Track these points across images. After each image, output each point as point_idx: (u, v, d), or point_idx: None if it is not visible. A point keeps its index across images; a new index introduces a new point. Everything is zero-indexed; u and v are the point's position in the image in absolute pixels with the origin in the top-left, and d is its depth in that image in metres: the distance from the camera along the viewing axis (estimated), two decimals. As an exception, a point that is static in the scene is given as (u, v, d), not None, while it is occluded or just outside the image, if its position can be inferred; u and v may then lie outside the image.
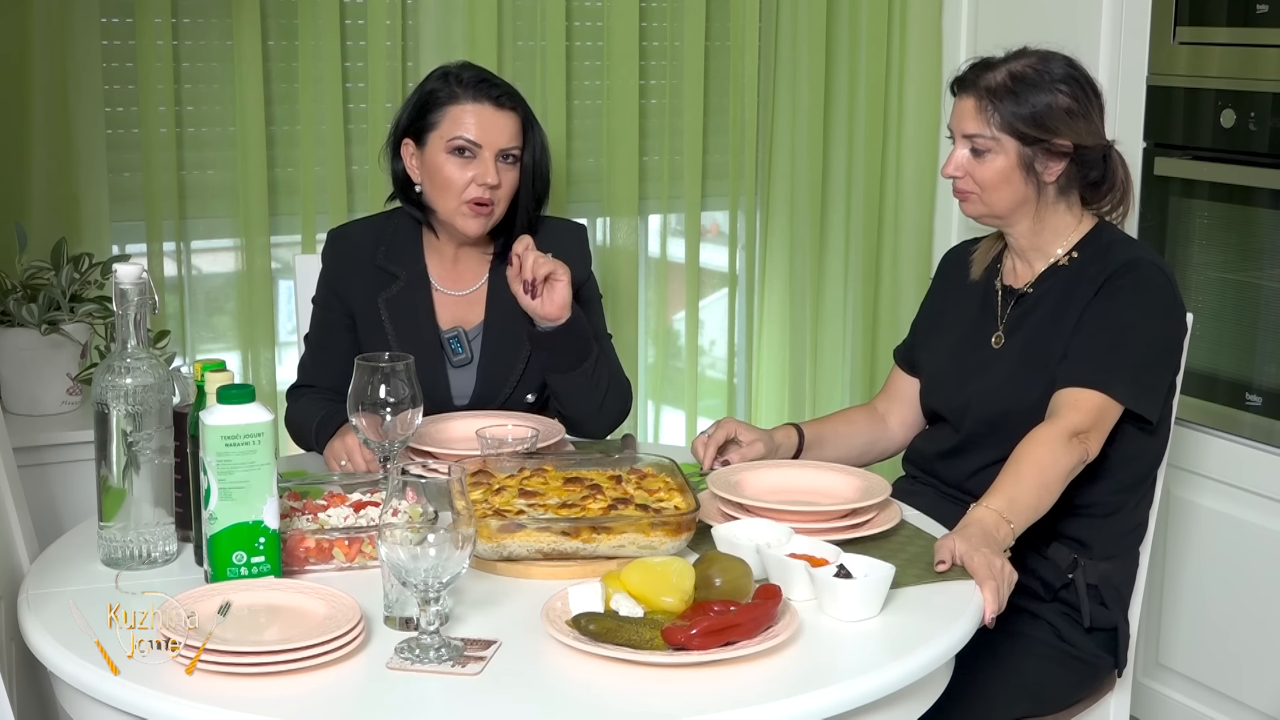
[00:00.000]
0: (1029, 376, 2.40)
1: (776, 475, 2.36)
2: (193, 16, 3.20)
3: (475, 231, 2.59)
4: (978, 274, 2.58)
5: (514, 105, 2.61)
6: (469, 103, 2.57)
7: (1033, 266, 2.49)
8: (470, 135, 2.56)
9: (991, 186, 2.40)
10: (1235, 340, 3.13)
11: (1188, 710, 3.23)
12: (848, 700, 1.72)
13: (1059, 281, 2.44)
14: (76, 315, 2.96)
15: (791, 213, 3.78)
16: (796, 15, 3.70)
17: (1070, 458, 2.24)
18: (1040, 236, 2.46)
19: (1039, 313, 2.45)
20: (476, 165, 2.56)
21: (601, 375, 2.62)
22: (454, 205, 2.57)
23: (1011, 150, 2.38)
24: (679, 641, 1.73)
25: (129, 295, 1.99)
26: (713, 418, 3.85)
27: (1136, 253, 2.42)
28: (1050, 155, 2.39)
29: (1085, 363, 2.32)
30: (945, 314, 2.63)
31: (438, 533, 1.71)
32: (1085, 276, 2.40)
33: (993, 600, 2.00)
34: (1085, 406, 2.29)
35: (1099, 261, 2.41)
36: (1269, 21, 2.97)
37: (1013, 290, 2.50)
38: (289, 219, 3.34)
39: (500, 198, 2.59)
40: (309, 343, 2.71)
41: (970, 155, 2.41)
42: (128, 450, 2.00)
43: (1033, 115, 2.36)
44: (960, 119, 2.42)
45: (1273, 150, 2.98)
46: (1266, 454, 3.03)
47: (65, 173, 3.08)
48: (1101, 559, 2.42)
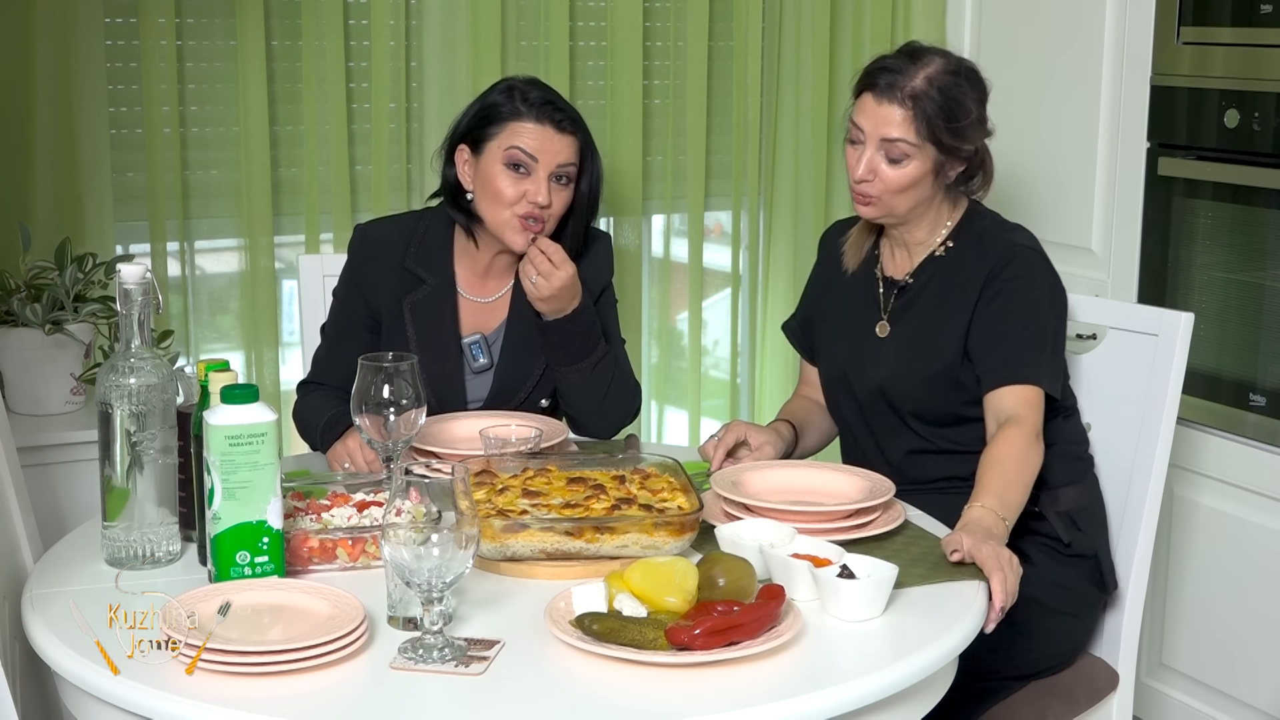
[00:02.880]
0: (918, 364, 2.50)
1: (780, 475, 2.36)
2: (196, 16, 3.20)
3: (521, 247, 2.56)
4: (853, 266, 2.64)
5: (575, 130, 2.58)
6: (531, 122, 2.54)
7: (911, 257, 2.56)
8: (528, 150, 2.53)
9: (899, 190, 2.45)
10: (1239, 341, 3.13)
11: (1190, 710, 3.23)
12: (851, 700, 1.72)
13: (938, 270, 2.53)
14: (80, 315, 2.96)
15: (795, 213, 3.78)
16: (800, 15, 3.70)
17: (1040, 455, 2.34)
18: (920, 228, 2.54)
19: (923, 301, 2.53)
20: (530, 182, 2.54)
21: (603, 373, 2.62)
22: (504, 218, 2.55)
23: (930, 157, 2.43)
24: (682, 641, 1.73)
25: (133, 295, 1.99)
26: (716, 418, 3.85)
27: (1009, 243, 2.49)
28: (957, 160, 2.46)
29: (1012, 360, 2.40)
30: (831, 301, 2.69)
31: (441, 533, 1.72)
32: (964, 265, 2.50)
33: (1000, 590, 2.01)
34: (1032, 401, 2.38)
35: (976, 250, 2.50)
36: (1273, 21, 2.96)
37: (894, 281, 2.58)
38: (292, 219, 3.34)
39: (550, 217, 2.57)
40: (325, 336, 2.70)
41: (884, 160, 2.44)
42: (131, 450, 2.00)
43: (956, 125, 2.41)
44: (882, 124, 2.43)
45: (1277, 150, 2.98)
46: (1270, 454, 3.02)
47: (69, 173, 3.09)
48: (1060, 485, 2.50)
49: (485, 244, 2.65)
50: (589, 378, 2.60)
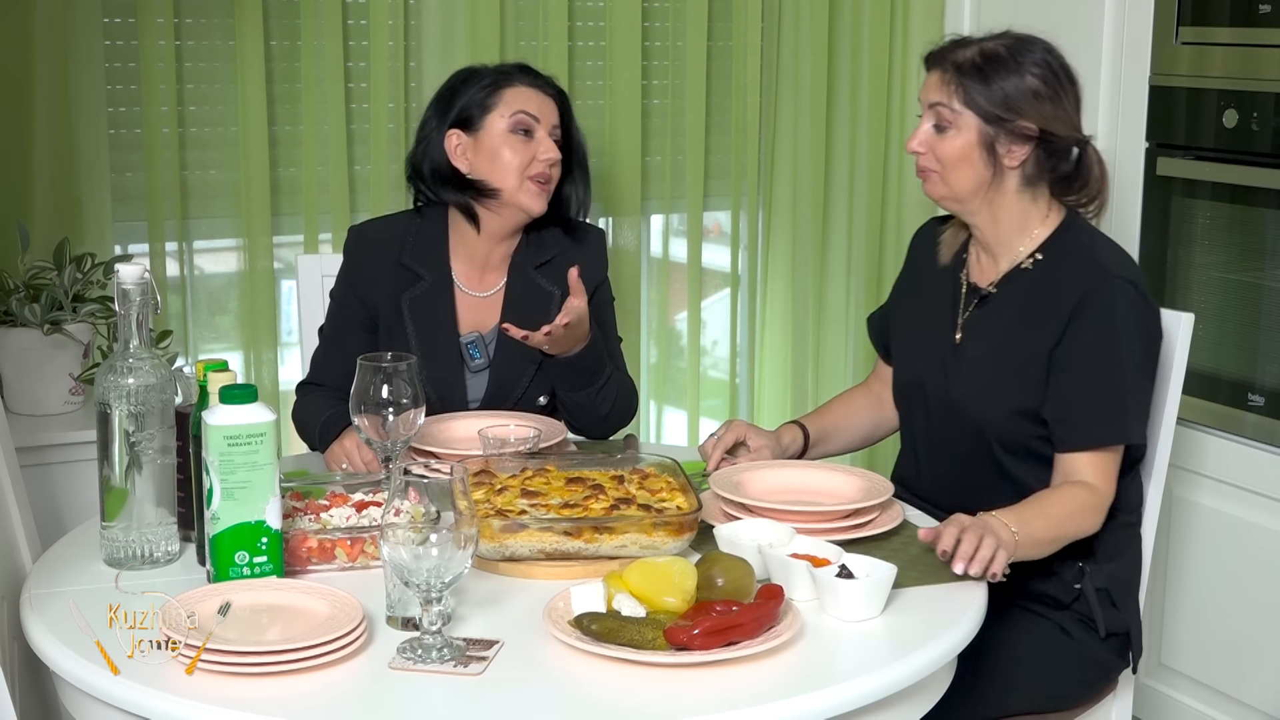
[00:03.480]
0: (999, 384, 2.38)
1: (779, 475, 2.36)
2: (195, 16, 3.20)
3: (539, 208, 2.62)
4: (946, 259, 2.54)
5: (557, 92, 2.69)
6: (524, 86, 2.64)
7: (997, 264, 2.44)
8: (531, 112, 2.61)
9: (951, 164, 2.36)
10: (1237, 341, 3.13)
11: (1190, 710, 3.23)
12: (849, 700, 1.72)
13: (1021, 287, 2.39)
14: (79, 315, 2.96)
15: (794, 212, 3.78)
16: (799, 15, 3.70)
17: (1094, 526, 2.29)
18: (1002, 227, 2.41)
19: (1005, 318, 2.40)
20: (536, 143, 2.61)
21: (609, 393, 2.63)
22: (517, 183, 2.60)
23: (973, 128, 2.34)
24: (681, 641, 1.73)
25: (131, 295, 1.99)
26: (715, 418, 3.86)
27: (1100, 269, 2.34)
28: (1014, 138, 2.34)
29: (1088, 422, 2.30)
30: (915, 298, 2.60)
31: (440, 533, 1.72)
32: (1050, 284, 2.36)
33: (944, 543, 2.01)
34: (1108, 469, 2.30)
35: (1062, 272, 2.36)
36: (1271, 22, 2.96)
37: (976, 289, 2.46)
38: (291, 219, 3.34)
39: (556, 176, 2.65)
40: (324, 337, 2.71)
41: (933, 131, 2.38)
42: (130, 450, 2.00)
43: (999, 94, 2.32)
44: (926, 89, 2.39)
45: (1275, 150, 2.98)
46: (1269, 454, 3.03)
47: (68, 173, 3.08)
48: (1106, 559, 2.40)
49: (488, 228, 2.66)
50: (595, 399, 2.62)
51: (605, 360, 2.63)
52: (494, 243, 2.67)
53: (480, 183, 2.62)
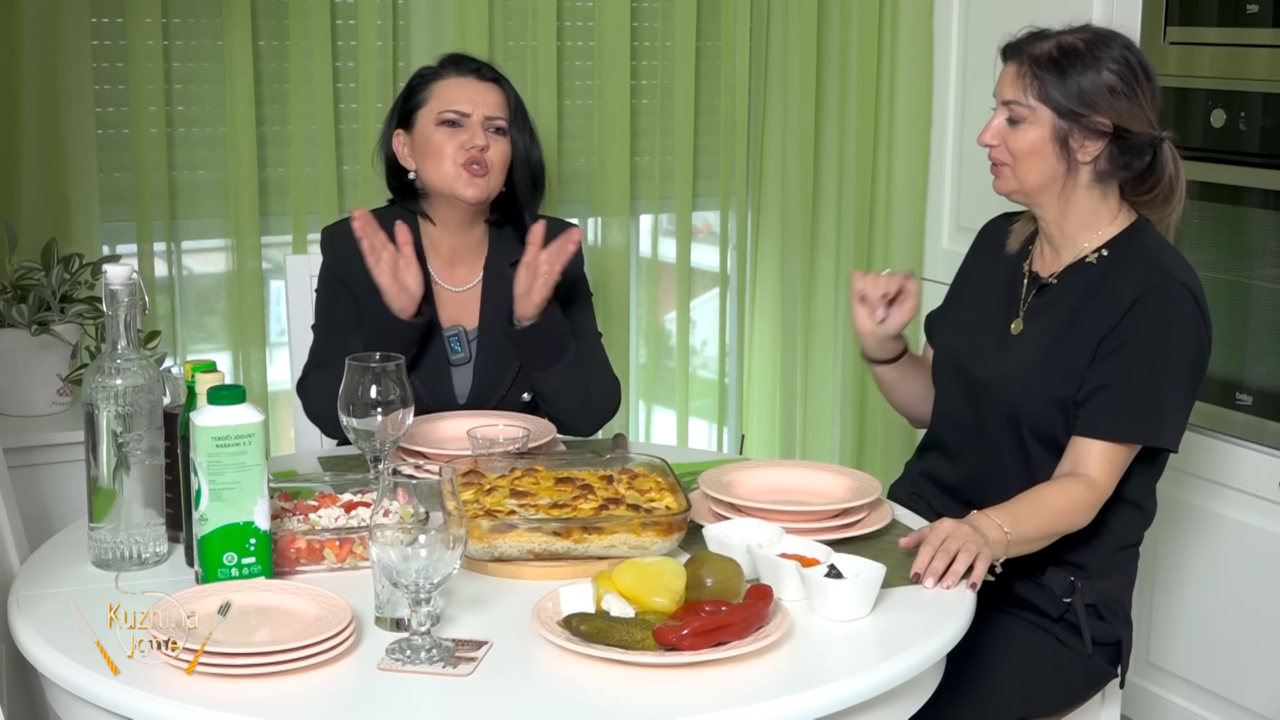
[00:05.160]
0: (1041, 371, 2.37)
1: (767, 475, 2.36)
2: (183, 16, 3.20)
3: (474, 196, 2.62)
4: (1015, 246, 2.52)
5: (495, 78, 2.69)
6: (453, 77, 2.67)
7: (1060, 256, 2.42)
8: (458, 106, 2.64)
9: (1023, 157, 2.34)
10: (1226, 340, 3.13)
11: (1179, 710, 3.24)
12: (838, 700, 1.72)
13: (1083, 280, 2.38)
14: (67, 316, 2.95)
15: (783, 212, 3.79)
16: (787, 16, 3.70)
17: (1088, 517, 2.28)
18: (1069, 222, 2.39)
19: (1059, 308, 2.39)
20: (465, 132, 2.63)
21: (580, 372, 2.64)
22: (450, 171, 2.62)
23: (1046, 122, 2.32)
24: (670, 642, 1.73)
25: (119, 296, 1.98)
26: (704, 418, 3.86)
27: (1164, 270, 2.32)
28: (1088, 133, 2.32)
29: (1114, 413, 2.28)
30: (973, 286, 2.58)
31: (429, 533, 1.71)
32: (1111, 279, 2.35)
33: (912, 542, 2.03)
34: (1115, 464, 2.28)
35: (1124, 268, 2.34)
36: (1259, 21, 2.97)
37: (1038, 278, 2.45)
38: (280, 219, 3.34)
39: (493, 163, 2.64)
40: (318, 329, 2.71)
41: (1006, 124, 2.36)
42: (118, 451, 2.00)
43: (1075, 89, 2.31)
44: (1001, 84, 2.38)
45: (1263, 150, 2.99)
46: (1257, 453, 3.03)
47: (55, 173, 3.08)
48: (1098, 578, 2.39)
49: (444, 223, 2.70)
50: (567, 378, 2.62)
51: (568, 336, 2.63)
52: (456, 236, 2.70)
53: (421, 177, 2.67)
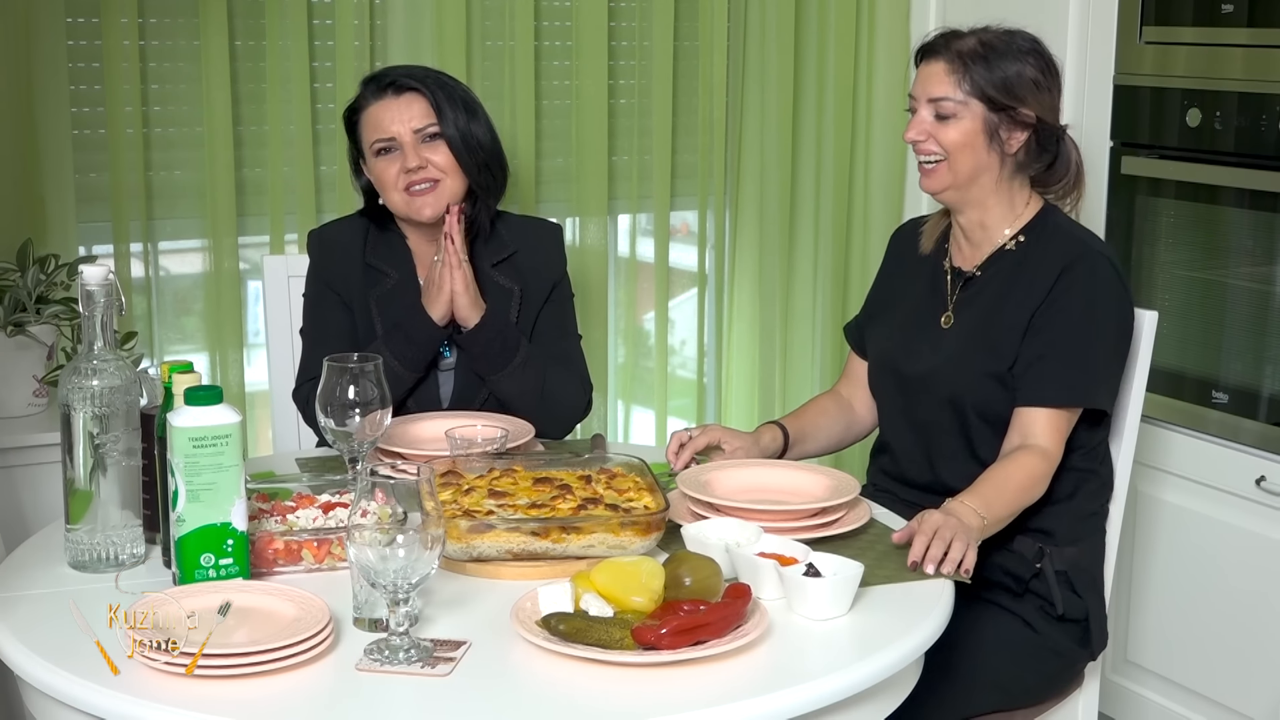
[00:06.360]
0: (975, 356, 2.43)
1: (746, 474, 2.36)
2: (159, 16, 3.19)
3: (428, 214, 2.62)
4: (928, 247, 2.59)
5: (414, 85, 2.63)
6: (372, 104, 2.65)
7: (980, 249, 2.50)
8: (382, 135, 2.62)
9: (956, 151, 2.39)
10: (1201, 338, 3.15)
11: (1155, 706, 3.25)
12: (817, 699, 1.72)
13: (1005, 265, 2.46)
14: (42, 317, 2.94)
15: (761, 212, 3.79)
16: (765, 15, 3.71)
17: (1045, 487, 2.34)
18: (991, 215, 2.46)
19: (986, 295, 2.46)
20: (398, 157, 2.61)
21: (533, 375, 2.62)
22: (398, 199, 2.63)
23: (978, 115, 2.38)
24: (649, 641, 1.73)
25: (95, 297, 1.98)
26: (683, 417, 3.86)
27: (1082, 244, 2.42)
28: (1014, 125, 2.40)
29: (1052, 380, 2.36)
30: (895, 293, 2.64)
31: (407, 534, 1.71)
32: (1030, 262, 2.42)
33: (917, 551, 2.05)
34: (1060, 429, 2.36)
35: (1044, 248, 2.43)
36: (1234, 21, 2.98)
37: (961, 272, 2.51)
38: (257, 219, 3.33)
39: (442, 170, 2.61)
40: (307, 337, 2.70)
41: (934, 120, 2.40)
42: (94, 452, 1.99)
43: (1002, 81, 2.37)
44: (927, 83, 2.41)
45: (1238, 149, 3.00)
46: (1232, 451, 3.04)
47: (31, 173, 3.06)
48: (1067, 544, 2.44)
49: (419, 235, 2.70)
50: (519, 382, 2.61)
51: (517, 340, 2.62)
52: (430, 245, 2.68)
53: (385, 206, 2.69)
